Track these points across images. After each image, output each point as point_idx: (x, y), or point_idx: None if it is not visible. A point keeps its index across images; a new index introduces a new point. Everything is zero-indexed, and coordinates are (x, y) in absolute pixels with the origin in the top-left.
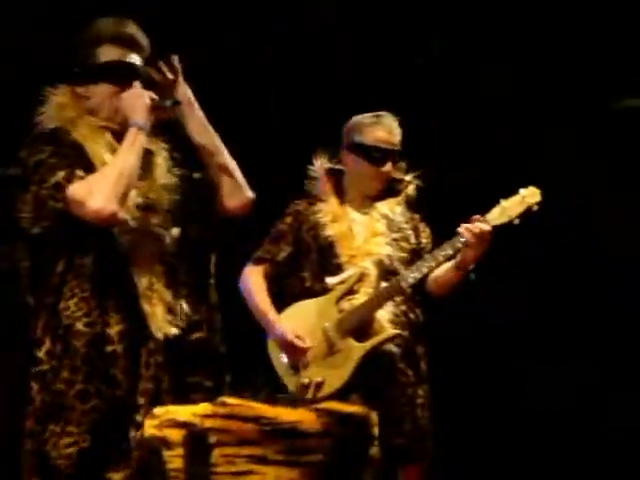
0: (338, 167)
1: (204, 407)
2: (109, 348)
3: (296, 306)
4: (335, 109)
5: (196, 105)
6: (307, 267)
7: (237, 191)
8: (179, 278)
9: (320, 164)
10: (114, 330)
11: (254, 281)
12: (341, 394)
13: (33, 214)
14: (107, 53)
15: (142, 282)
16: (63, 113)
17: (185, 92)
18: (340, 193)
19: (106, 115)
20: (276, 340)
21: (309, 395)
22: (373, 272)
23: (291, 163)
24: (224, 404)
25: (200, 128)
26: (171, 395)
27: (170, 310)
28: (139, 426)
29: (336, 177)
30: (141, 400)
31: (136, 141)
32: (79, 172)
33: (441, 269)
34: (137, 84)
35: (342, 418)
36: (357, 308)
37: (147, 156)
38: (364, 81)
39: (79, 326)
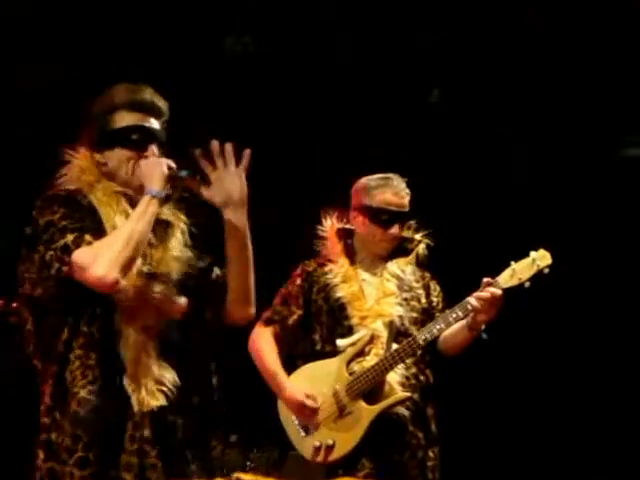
0: (348, 227)
1: None
2: (109, 418)
3: (306, 368)
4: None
5: (245, 213)
6: (318, 329)
7: (244, 305)
8: (173, 347)
9: (330, 224)
10: (110, 401)
11: (264, 342)
12: (351, 457)
13: (37, 275)
14: (123, 119)
15: (129, 354)
16: (83, 177)
17: (241, 192)
18: (350, 253)
19: (123, 180)
20: (286, 402)
21: (320, 458)
22: (384, 334)
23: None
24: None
25: (240, 237)
26: (157, 470)
27: (158, 382)
28: None
29: (346, 237)
30: (126, 475)
31: (148, 209)
32: (88, 237)
33: (452, 329)
34: (153, 148)
35: None
36: (368, 371)
37: (164, 226)
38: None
39: (83, 394)
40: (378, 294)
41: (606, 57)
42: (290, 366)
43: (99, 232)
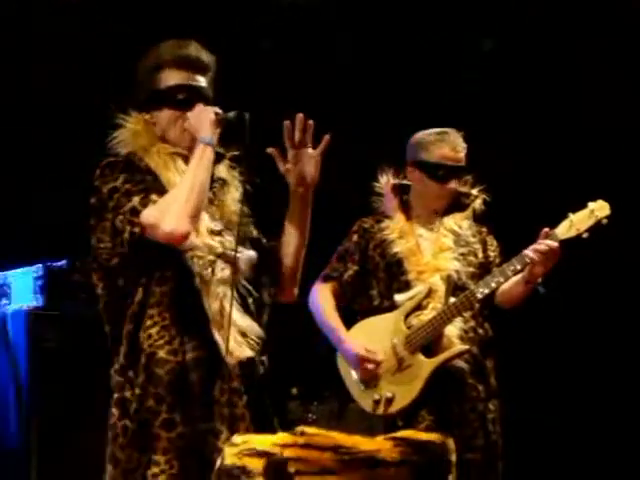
0: (404, 183)
1: (283, 436)
2: (192, 376)
3: (364, 323)
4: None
5: (310, 195)
6: (375, 285)
7: (291, 285)
8: (251, 302)
9: (386, 180)
10: (190, 357)
11: (322, 299)
12: (411, 410)
13: (111, 243)
14: (169, 77)
15: (213, 307)
16: (137, 140)
17: (314, 176)
18: (406, 209)
19: (174, 141)
20: (345, 356)
21: (380, 411)
22: (441, 288)
23: (356, 178)
24: (303, 433)
25: (303, 218)
26: (246, 420)
27: (243, 334)
28: (221, 452)
29: (402, 193)
30: (220, 426)
31: (204, 156)
32: (154, 196)
33: (510, 282)
34: (200, 106)
35: (420, 446)
36: (426, 324)
37: (221, 183)
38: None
39: (162, 354)
40: (435, 249)
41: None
42: (350, 323)
43: (163, 193)
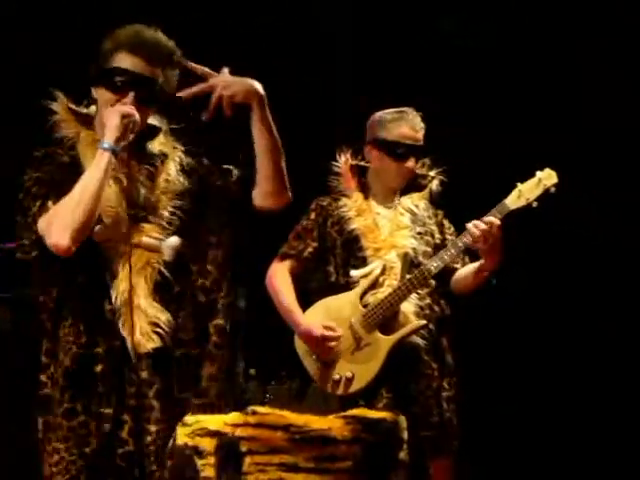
0: (362, 164)
1: (235, 416)
2: (97, 368)
3: (320, 303)
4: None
5: (265, 101)
6: (332, 261)
7: (282, 191)
8: (170, 291)
9: (344, 160)
10: (101, 349)
11: (280, 278)
12: (371, 388)
13: (28, 240)
14: (120, 60)
15: (120, 298)
16: (64, 127)
17: (253, 86)
18: (364, 188)
19: (101, 124)
20: (303, 337)
21: (340, 390)
22: (397, 265)
23: (310, 160)
24: (254, 412)
25: (264, 125)
26: (155, 410)
27: (154, 324)
28: (123, 442)
29: (359, 172)
30: (125, 417)
31: (100, 163)
32: (50, 203)
33: (464, 270)
34: (132, 95)
35: (371, 424)
36: (382, 301)
37: (161, 159)
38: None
39: (74, 349)
40: (392, 227)
41: None
42: (305, 302)
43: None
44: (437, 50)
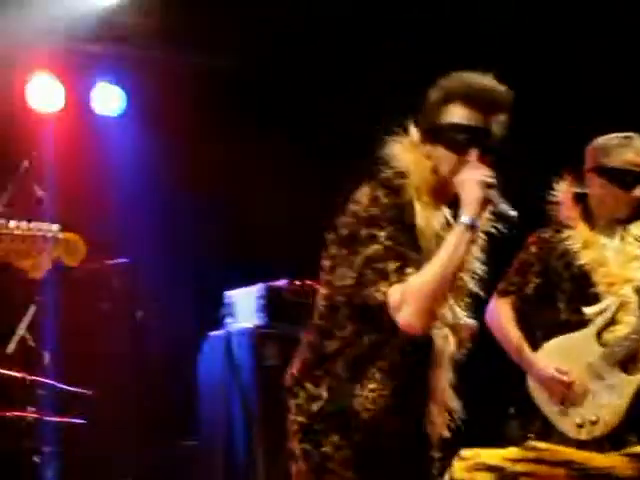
0: (583, 191)
1: (513, 451)
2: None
3: (553, 343)
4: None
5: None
6: (561, 298)
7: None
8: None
9: (565, 188)
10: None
11: (503, 315)
12: (618, 431)
13: (354, 282)
14: (454, 113)
15: (439, 384)
16: (412, 171)
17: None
18: (587, 218)
19: (441, 180)
20: (537, 378)
21: (584, 435)
22: (633, 300)
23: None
24: (534, 448)
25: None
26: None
27: (448, 411)
28: None
29: (580, 201)
30: None
31: (462, 241)
32: (409, 269)
33: None
34: (474, 154)
35: None
36: (623, 339)
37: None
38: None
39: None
40: (622, 259)
41: None
42: (529, 337)
43: (417, 257)
44: None
